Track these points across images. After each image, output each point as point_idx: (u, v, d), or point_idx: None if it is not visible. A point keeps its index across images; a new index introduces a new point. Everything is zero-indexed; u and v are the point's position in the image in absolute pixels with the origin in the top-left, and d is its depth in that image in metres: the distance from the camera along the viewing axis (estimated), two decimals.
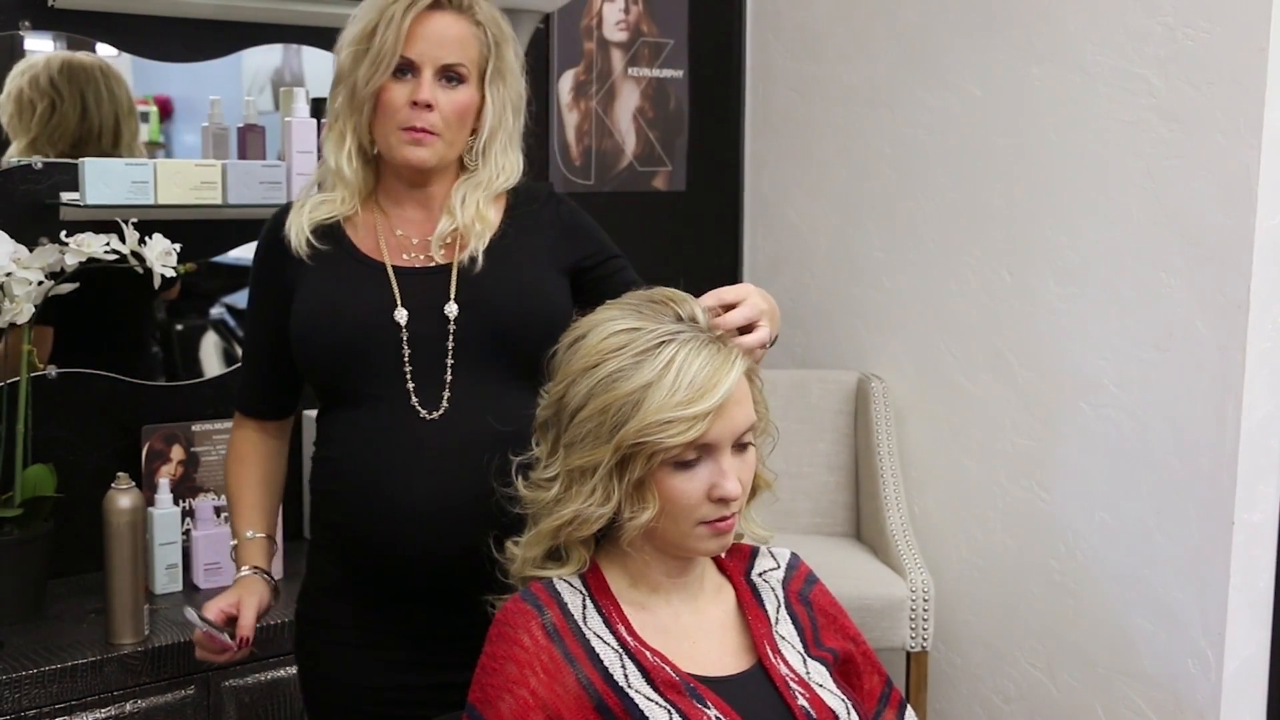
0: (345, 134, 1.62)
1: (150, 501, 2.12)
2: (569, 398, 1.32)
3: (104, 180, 2.07)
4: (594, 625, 1.31)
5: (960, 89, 2.71)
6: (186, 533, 2.22)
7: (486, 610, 1.41)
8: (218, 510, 2.26)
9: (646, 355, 1.28)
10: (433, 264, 1.62)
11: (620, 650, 1.30)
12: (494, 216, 1.64)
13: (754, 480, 1.37)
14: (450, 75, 1.59)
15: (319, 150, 2.31)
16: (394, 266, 1.62)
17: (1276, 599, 2.39)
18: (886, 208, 2.87)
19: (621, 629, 1.31)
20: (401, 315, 1.58)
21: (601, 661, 1.28)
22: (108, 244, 2.00)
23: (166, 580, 2.14)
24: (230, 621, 1.61)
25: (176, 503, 2.17)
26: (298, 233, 1.62)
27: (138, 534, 1.95)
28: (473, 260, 1.60)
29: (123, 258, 2.01)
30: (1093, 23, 2.44)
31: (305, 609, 1.71)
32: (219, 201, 2.18)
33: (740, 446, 1.31)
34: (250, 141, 2.32)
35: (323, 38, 2.46)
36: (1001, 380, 2.66)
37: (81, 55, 2.26)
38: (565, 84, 2.85)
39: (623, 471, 1.29)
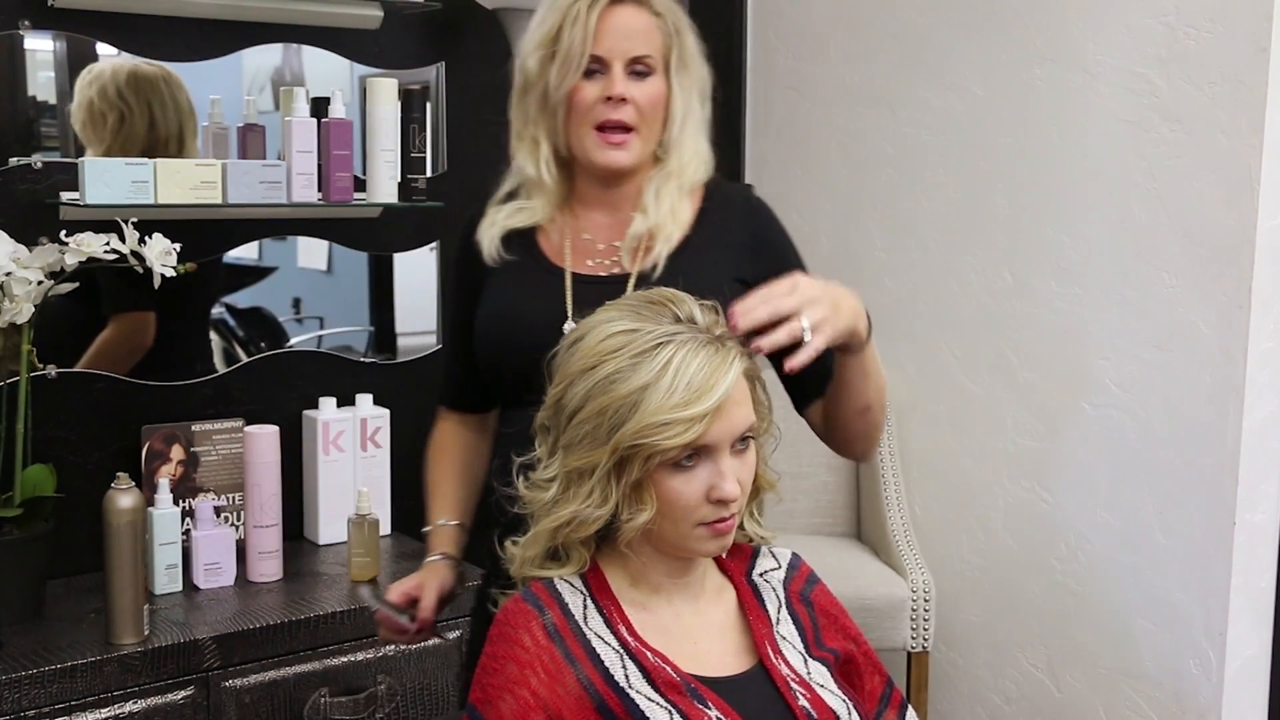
0: (540, 140, 1.62)
1: (150, 501, 2.12)
2: (567, 399, 1.32)
3: (104, 180, 2.08)
4: (595, 625, 1.32)
5: (962, 89, 2.71)
6: (186, 533, 2.23)
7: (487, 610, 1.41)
8: (218, 510, 2.27)
9: (644, 357, 1.28)
10: (615, 271, 1.62)
11: (621, 651, 1.30)
12: (687, 213, 1.63)
13: (757, 481, 1.37)
14: (638, 68, 1.59)
15: (319, 149, 2.32)
16: (574, 274, 1.62)
17: (1278, 599, 2.39)
18: (888, 208, 2.87)
19: (622, 629, 1.32)
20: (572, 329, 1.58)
21: (602, 662, 1.29)
22: (107, 244, 2.00)
23: (166, 580, 2.14)
24: (412, 604, 1.63)
25: (176, 503, 2.18)
26: (489, 241, 1.64)
27: (137, 534, 1.95)
28: (653, 268, 1.59)
29: (122, 257, 2.01)
30: (1095, 22, 2.44)
31: (486, 592, 1.72)
32: (219, 201, 2.19)
33: (739, 447, 1.31)
34: (250, 141, 2.33)
35: (323, 37, 2.48)
36: (1003, 380, 2.66)
37: (144, 65, 2.32)
38: None
39: (620, 473, 1.29)
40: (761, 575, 1.45)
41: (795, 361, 1.33)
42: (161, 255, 2.03)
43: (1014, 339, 2.63)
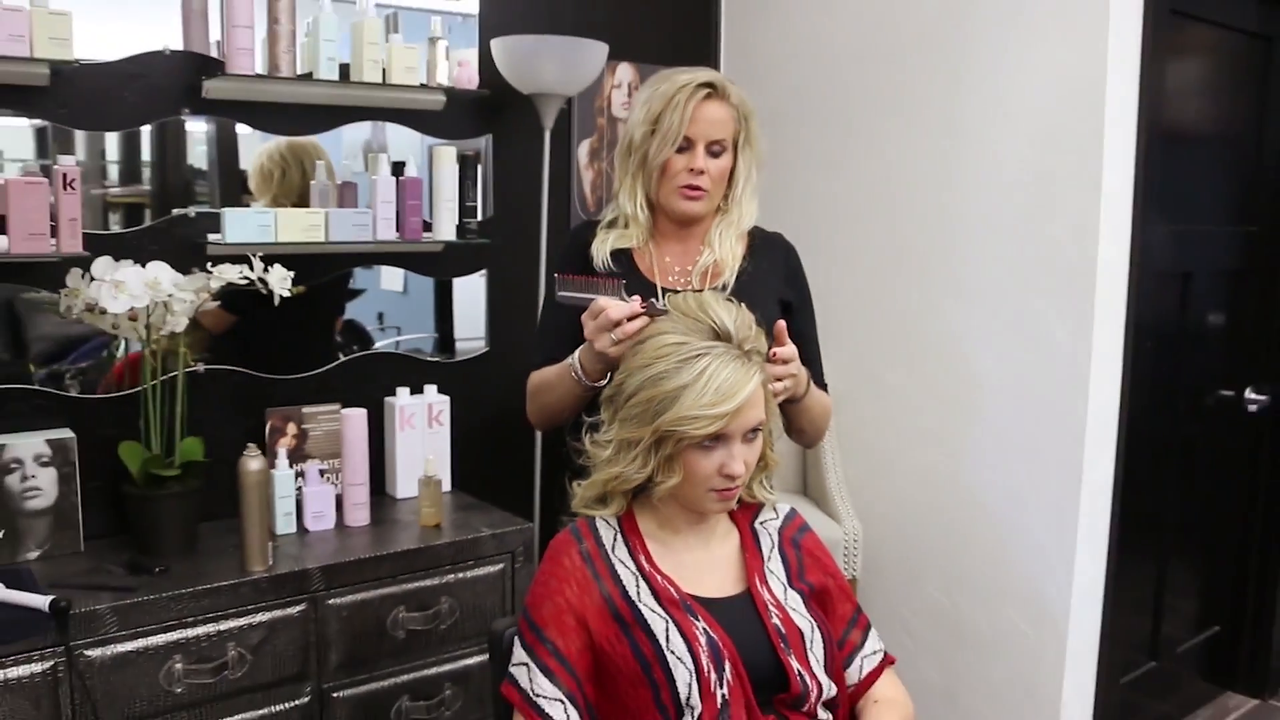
0: (637, 189, 1.72)
1: (272, 465, 2.16)
2: (626, 385, 1.36)
3: (239, 225, 2.12)
4: (620, 554, 1.36)
5: (886, 157, 2.69)
6: (299, 489, 2.26)
7: None
8: (321, 472, 2.30)
9: (686, 363, 1.30)
10: (690, 287, 1.69)
11: (637, 574, 1.34)
12: (740, 250, 1.73)
13: (764, 459, 1.42)
14: (715, 148, 1.68)
15: (397, 200, 2.30)
16: (662, 287, 1.70)
17: (1109, 538, 2.44)
18: (829, 244, 2.82)
19: (642, 558, 1.36)
20: None
21: (621, 581, 1.33)
22: (241, 272, 2.06)
23: (284, 524, 2.19)
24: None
25: (291, 466, 2.22)
26: (602, 256, 1.73)
27: (264, 489, 2.00)
28: (724, 287, 1.68)
29: (252, 282, 2.06)
30: (987, 107, 2.46)
31: (558, 519, 1.74)
32: (323, 240, 2.23)
33: (750, 437, 1.34)
34: (346, 194, 2.35)
35: (401, 117, 2.49)
36: (914, 374, 2.68)
37: (299, 138, 2.35)
38: (583, 150, 2.83)
39: (658, 448, 1.32)
40: (762, 524, 1.46)
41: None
42: (280, 280, 2.08)
43: (922, 343, 2.66)
